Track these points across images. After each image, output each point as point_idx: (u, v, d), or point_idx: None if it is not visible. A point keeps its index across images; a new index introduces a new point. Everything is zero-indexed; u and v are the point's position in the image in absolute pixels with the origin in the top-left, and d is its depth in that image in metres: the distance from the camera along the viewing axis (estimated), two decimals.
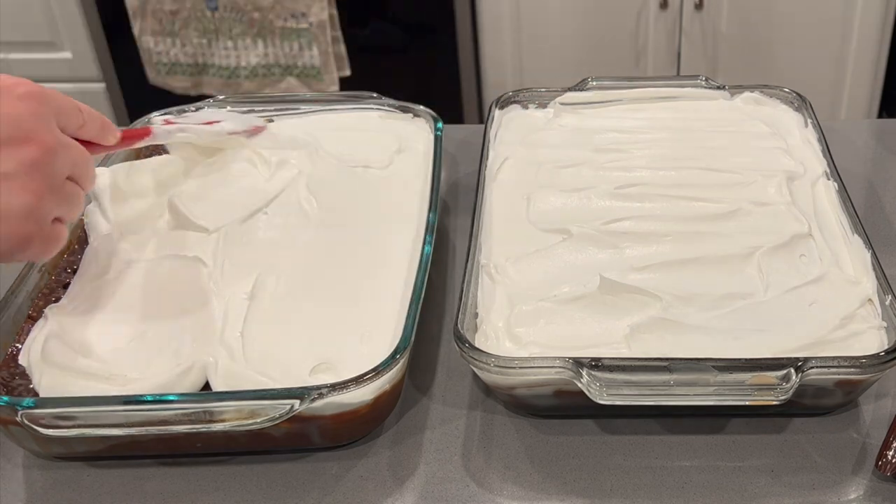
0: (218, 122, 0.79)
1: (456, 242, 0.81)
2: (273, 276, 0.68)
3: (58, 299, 0.68)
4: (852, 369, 0.57)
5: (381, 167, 0.80)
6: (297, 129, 0.84)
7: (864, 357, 0.57)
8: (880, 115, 2.00)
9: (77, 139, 0.58)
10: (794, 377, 0.56)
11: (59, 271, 0.71)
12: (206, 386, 0.60)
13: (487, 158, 0.80)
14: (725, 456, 0.61)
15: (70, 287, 0.69)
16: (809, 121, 0.83)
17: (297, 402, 0.56)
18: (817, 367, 0.57)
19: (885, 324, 0.61)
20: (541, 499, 0.59)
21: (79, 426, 0.56)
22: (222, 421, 0.56)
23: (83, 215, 0.73)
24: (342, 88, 1.99)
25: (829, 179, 0.76)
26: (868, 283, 0.64)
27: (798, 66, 1.94)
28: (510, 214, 0.74)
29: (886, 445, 0.59)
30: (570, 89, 0.88)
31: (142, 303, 0.66)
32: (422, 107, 0.87)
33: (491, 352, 0.59)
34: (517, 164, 0.80)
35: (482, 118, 1.71)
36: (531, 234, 0.72)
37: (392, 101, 0.88)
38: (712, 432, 0.63)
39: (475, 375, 0.66)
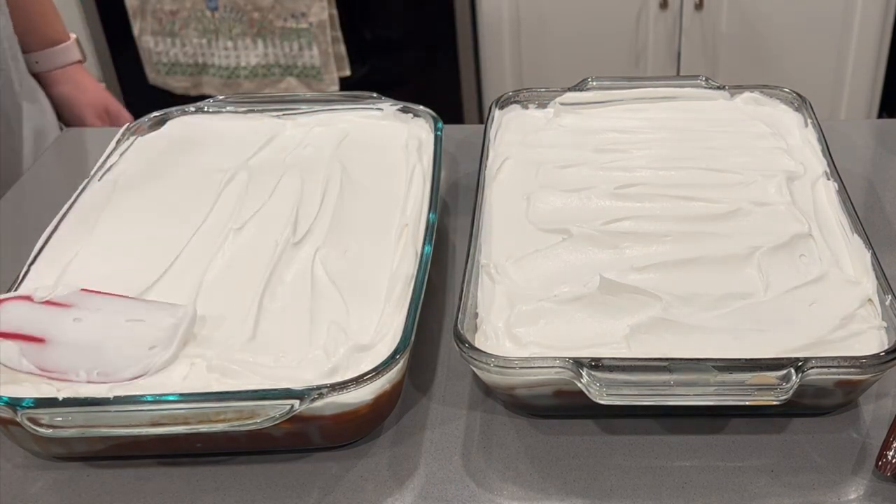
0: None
1: (456, 242, 0.81)
2: (269, 271, 0.68)
3: None
4: (852, 369, 0.57)
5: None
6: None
7: (864, 357, 0.57)
8: (880, 116, 2.00)
9: None
10: (794, 377, 0.56)
11: None
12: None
13: (487, 158, 0.80)
14: (725, 456, 0.61)
15: None
16: (809, 121, 0.83)
17: (297, 402, 0.56)
18: (817, 367, 0.57)
19: (885, 324, 0.61)
20: (541, 499, 0.59)
21: (79, 426, 0.56)
22: (222, 421, 0.56)
23: None
24: (342, 88, 1.99)
25: (829, 179, 0.76)
26: (868, 283, 0.64)
27: (798, 66, 1.94)
28: (510, 214, 0.74)
29: (886, 445, 0.59)
30: (570, 89, 0.88)
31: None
32: (422, 107, 0.87)
33: (491, 352, 0.59)
34: (517, 164, 0.80)
35: (482, 118, 1.71)
36: (531, 234, 0.72)
37: (392, 102, 0.88)
38: (712, 432, 0.63)
39: (475, 375, 0.66)
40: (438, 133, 0.83)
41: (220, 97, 0.91)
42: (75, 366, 0.61)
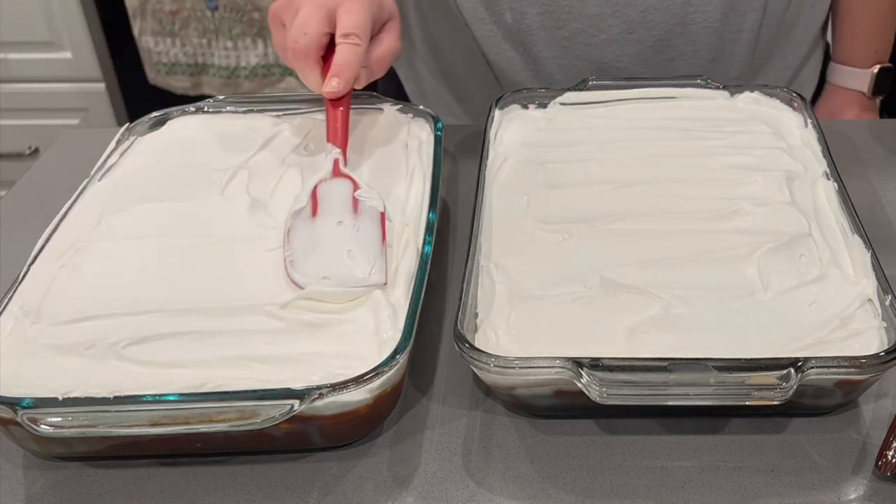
0: None
1: (456, 242, 0.81)
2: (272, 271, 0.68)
3: None
4: (852, 369, 0.57)
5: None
6: None
7: (864, 357, 0.57)
8: (880, 116, 2.00)
9: None
10: (794, 377, 0.56)
11: None
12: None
13: (487, 158, 0.80)
14: (725, 456, 0.61)
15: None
16: (809, 121, 0.83)
17: (297, 402, 0.56)
18: (817, 367, 0.57)
19: (885, 324, 0.61)
20: (541, 499, 0.59)
21: (79, 426, 0.56)
22: (222, 421, 0.56)
23: None
24: None
25: (829, 179, 0.76)
26: (868, 283, 0.64)
27: None
28: (510, 214, 0.74)
29: (886, 445, 0.59)
30: (570, 89, 0.88)
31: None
32: (422, 107, 0.87)
33: (491, 352, 0.59)
34: (517, 164, 0.80)
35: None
36: (531, 234, 0.72)
37: (392, 101, 0.88)
38: (712, 432, 0.63)
39: (475, 375, 0.66)
40: (438, 133, 0.83)
41: (220, 97, 0.91)
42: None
